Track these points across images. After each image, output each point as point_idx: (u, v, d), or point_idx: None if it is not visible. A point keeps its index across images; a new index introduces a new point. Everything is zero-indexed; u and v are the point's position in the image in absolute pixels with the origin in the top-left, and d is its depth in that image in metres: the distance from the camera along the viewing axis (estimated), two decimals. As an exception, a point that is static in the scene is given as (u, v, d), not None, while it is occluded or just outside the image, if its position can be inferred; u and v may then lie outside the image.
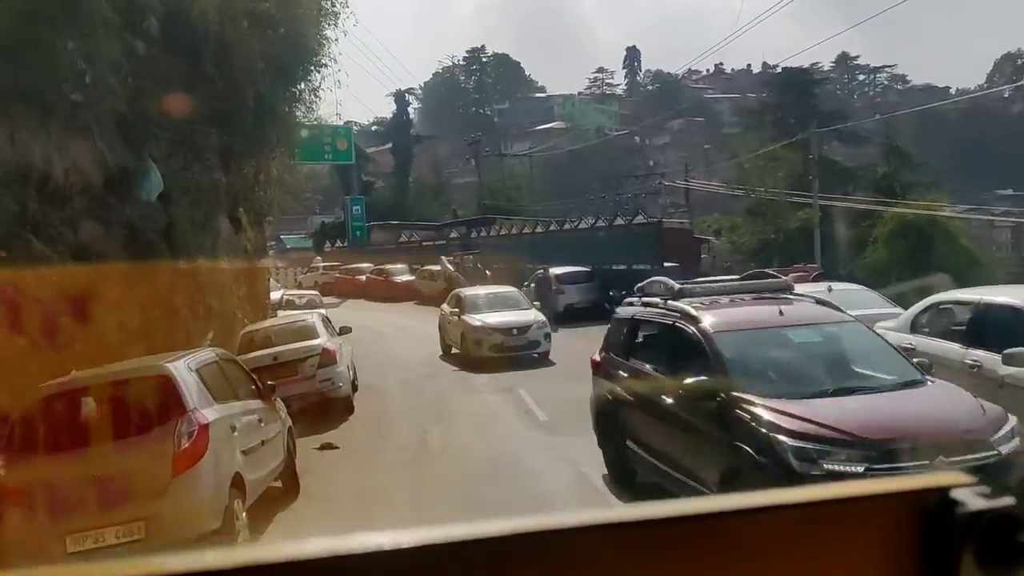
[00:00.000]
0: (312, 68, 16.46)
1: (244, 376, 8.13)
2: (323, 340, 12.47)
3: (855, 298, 10.68)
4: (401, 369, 17.12)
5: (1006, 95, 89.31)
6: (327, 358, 12.12)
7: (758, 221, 34.00)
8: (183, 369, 6.47)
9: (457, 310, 17.73)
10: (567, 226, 29.39)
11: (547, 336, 16.71)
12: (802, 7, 76.57)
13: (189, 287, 12.93)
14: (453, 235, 38.57)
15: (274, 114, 15.48)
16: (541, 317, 17.14)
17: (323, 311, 14.39)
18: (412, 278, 35.53)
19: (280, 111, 16.02)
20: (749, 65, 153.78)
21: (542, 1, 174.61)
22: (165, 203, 12.18)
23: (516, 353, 16.19)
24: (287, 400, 9.93)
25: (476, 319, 16.93)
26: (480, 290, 19.47)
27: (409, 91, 67.22)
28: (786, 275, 10.09)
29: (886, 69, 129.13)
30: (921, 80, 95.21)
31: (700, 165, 57.35)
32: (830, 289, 10.58)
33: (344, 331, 14.50)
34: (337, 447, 10.45)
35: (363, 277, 38.72)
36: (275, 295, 25.57)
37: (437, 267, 32.90)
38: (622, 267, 24.81)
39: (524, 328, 16.53)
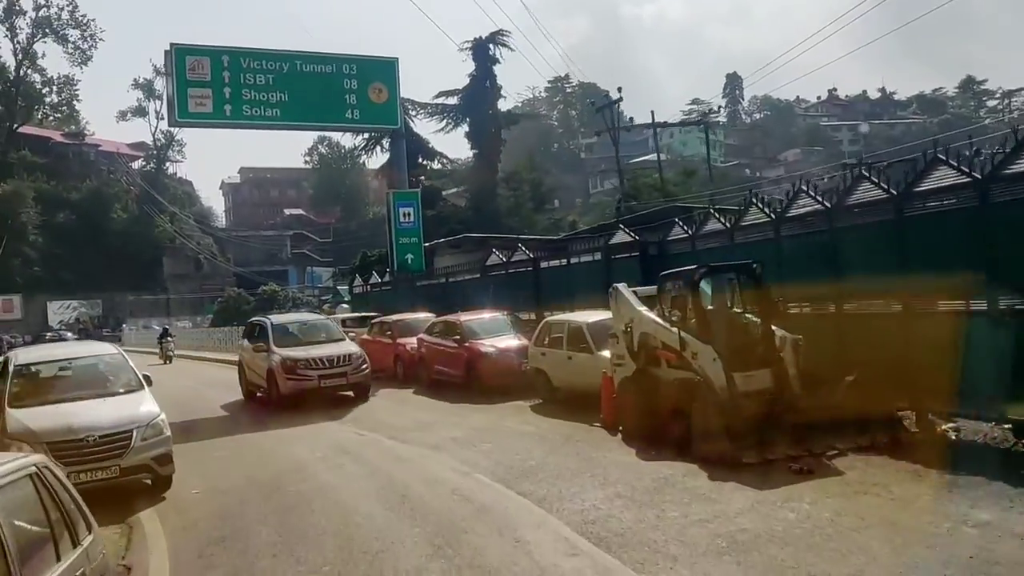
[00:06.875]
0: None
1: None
2: None
3: None
4: None
5: None
6: None
7: None
8: None
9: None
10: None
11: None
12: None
13: None
14: (617, 243, 16.82)
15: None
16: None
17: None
18: (518, 343, 15.48)
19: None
20: (864, 91, 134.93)
21: (620, 37, 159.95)
22: None
23: None
24: None
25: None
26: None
27: (497, 38, 40.48)
28: None
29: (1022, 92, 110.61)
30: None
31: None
32: None
33: None
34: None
35: (411, 340, 18.65)
36: None
37: (596, 317, 12.58)
38: None
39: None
